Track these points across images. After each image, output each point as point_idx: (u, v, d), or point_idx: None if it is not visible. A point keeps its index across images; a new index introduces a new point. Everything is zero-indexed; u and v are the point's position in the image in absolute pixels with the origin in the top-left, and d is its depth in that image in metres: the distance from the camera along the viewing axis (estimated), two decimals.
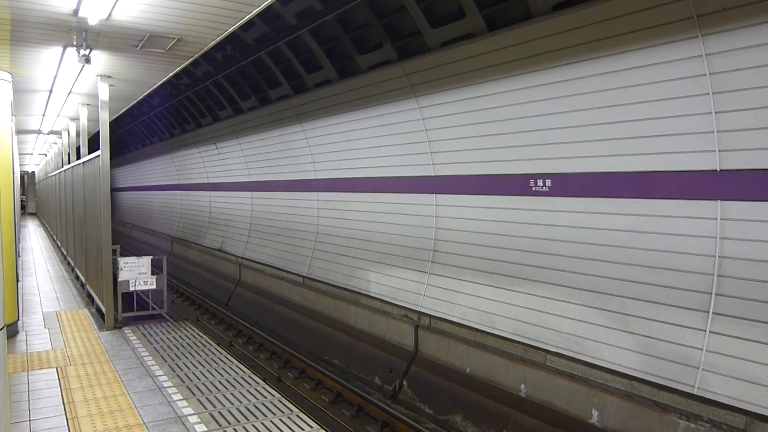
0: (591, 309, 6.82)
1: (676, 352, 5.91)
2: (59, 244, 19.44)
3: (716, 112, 5.42)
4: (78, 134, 14.77)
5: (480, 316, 8.24)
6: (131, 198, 32.98)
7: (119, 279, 9.02)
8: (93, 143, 12.38)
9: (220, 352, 7.79)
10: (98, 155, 9.19)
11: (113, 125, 15.83)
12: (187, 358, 7.45)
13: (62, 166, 17.92)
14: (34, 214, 42.46)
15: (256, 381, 6.65)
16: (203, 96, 16.44)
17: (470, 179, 8.49)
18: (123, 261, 9.10)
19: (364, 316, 10.53)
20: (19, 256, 16.21)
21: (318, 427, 5.41)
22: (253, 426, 5.36)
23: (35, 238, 24.19)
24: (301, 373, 10.20)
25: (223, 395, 6.15)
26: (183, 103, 18.16)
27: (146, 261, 9.30)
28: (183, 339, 8.42)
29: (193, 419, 5.50)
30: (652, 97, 5.92)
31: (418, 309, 9.32)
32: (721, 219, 5.55)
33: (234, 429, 5.29)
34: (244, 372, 6.97)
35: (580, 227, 6.94)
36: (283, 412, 5.70)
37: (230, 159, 17.26)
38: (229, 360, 7.44)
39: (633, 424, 6.06)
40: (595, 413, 6.45)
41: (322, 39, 10.33)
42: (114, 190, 34.88)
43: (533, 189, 7.43)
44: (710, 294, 5.67)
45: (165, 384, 6.46)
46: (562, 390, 6.85)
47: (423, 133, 9.13)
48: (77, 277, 13.34)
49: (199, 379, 6.64)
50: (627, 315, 6.43)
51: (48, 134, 19.01)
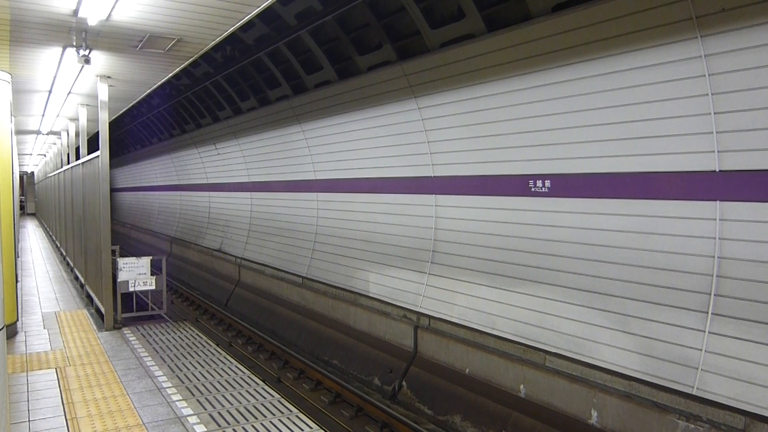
0: (590, 309, 6.82)
1: (676, 353, 5.91)
2: (58, 245, 19.44)
3: (715, 113, 5.43)
4: (77, 135, 14.77)
5: (479, 317, 8.24)
6: (130, 198, 32.97)
7: (118, 279, 9.02)
8: (92, 144, 12.38)
9: (220, 353, 7.79)
10: (97, 156, 9.19)
11: (113, 126, 15.84)
12: (187, 359, 7.45)
13: (61, 167, 17.91)
14: (33, 215, 42.46)
15: (256, 381, 6.65)
16: (203, 96, 16.44)
17: (470, 180, 8.49)
18: (122, 261, 9.10)
19: (364, 317, 10.53)
20: (19, 257, 16.21)
21: (317, 428, 5.41)
22: (253, 426, 5.36)
23: (34, 239, 24.17)
24: (301, 374, 10.20)
25: (223, 396, 6.15)
26: (182, 104, 18.16)
27: (145, 261, 9.30)
28: (182, 339, 8.42)
29: (193, 420, 5.50)
30: (652, 98, 5.92)
31: (418, 309, 9.32)
32: (721, 220, 5.56)
33: (233, 429, 5.29)
34: (244, 372, 6.96)
35: (580, 228, 6.94)
36: (283, 413, 5.71)
37: (230, 159, 17.26)
38: (229, 360, 7.44)
39: (632, 425, 6.06)
40: (595, 414, 6.45)
41: (322, 39, 10.33)
42: (113, 191, 34.86)
43: (533, 190, 7.44)
44: (709, 294, 5.67)
45: (164, 384, 6.46)
46: (562, 390, 6.86)
47: (422, 134, 9.13)
48: (76, 278, 13.33)
49: (199, 380, 6.64)
50: (626, 315, 6.43)
51: (47, 135, 19.00)
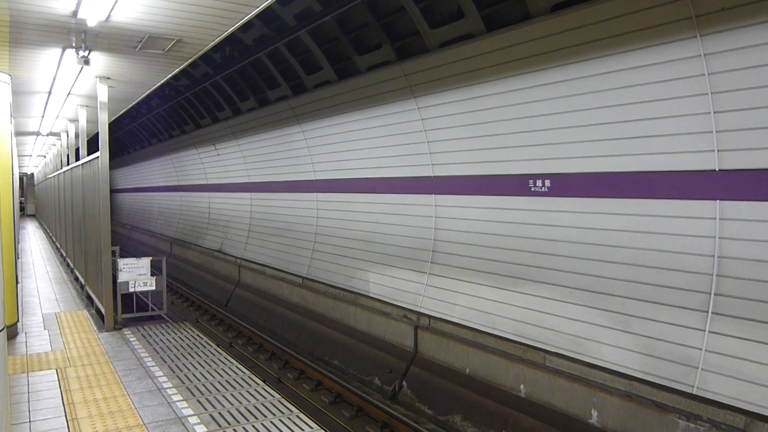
0: (590, 309, 6.82)
1: (676, 352, 5.91)
2: (58, 246, 19.43)
3: (715, 112, 5.43)
4: (77, 136, 14.77)
5: (479, 317, 8.24)
6: (130, 199, 32.97)
7: (119, 280, 9.02)
8: (92, 145, 12.37)
9: (220, 353, 7.79)
10: (97, 157, 9.19)
11: (112, 127, 15.83)
12: (187, 359, 7.45)
13: (61, 168, 17.90)
14: (33, 216, 42.45)
15: (256, 382, 6.65)
16: (202, 97, 16.44)
17: (469, 180, 8.50)
18: (122, 262, 9.10)
19: (364, 317, 10.53)
20: (19, 258, 16.21)
21: (318, 428, 5.41)
22: (253, 427, 5.36)
23: (34, 240, 24.17)
24: (301, 374, 10.20)
25: (223, 396, 6.15)
26: (182, 105, 18.15)
27: (145, 262, 9.30)
28: (183, 340, 8.42)
29: (193, 420, 5.50)
30: (651, 98, 5.92)
31: (418, 309, 9.32)
32: (720, 219, 5.56)
33: (234, 430, 5.29)
34: (244, 373, 6.97)
35: (579, 227, 6.94)
36: (283, 413, 5.71)
37: (229, 160, 17.26)
38: (229, 361, 7.44)
39: (633, 425, 6.06)
40: (595, 413, 6.45)
41: (321, 40, 10.33)
42: (113, 192, 34.85)
43: (532, 189, 7.44)
44: (709, 294, 5.67)
45: (165, 385, 6.46)
46: (562, 390, 6.86)
47: (422, 134, 9.14)
48: (76, 279, 13.33)
49: (199, 380, 6.64)
50: (626, 315, 6.43)
51: (47, 136, 19.00)
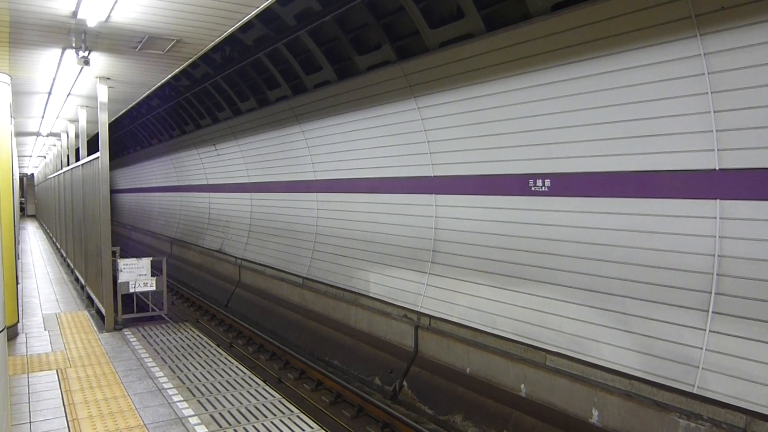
0: (591, 308, 6.82)
1: (676, 352, 5.91)
2: (59, 246, 19.43)
3: (715, 111, 5.43)
4: (77, 136, 14.77)
5: (480, 316, 8.24)
6: (130, 200, 32.97)
7: (119, 281, 9.02)
8: (92, 145, 12.38)
9: (221, 354, 7.79)
10: (97, 157, 9.19)
11: (112, 127, 15.83)
12: (188, 360, 7.45)
13: (61, 168, 17.91)
14: (34, 217, 42.46)
15: (257, 382, 6.65)
16: (202, 97, 16.44)
17: (470, 179, 8.50)
18: (122, 263, 9.10)
19: (364, 317, 10.53)
20: (19, 259, 16.21)
21: (318, 428, 5.41)
22: (254, 427, 5.36)
23: (35, 241, 24.17)
24: (302, 374, 10.19)
25: (224, 396, 6.15)
26: (182, 105, 18.15)
27: (146, 262, 9.30)
28: (183, 340, 8.42)
29: (194, 420, 5.50)
30: (651, 97, 5.92)
31: (418, 309, 9.32)
32: (721, 218, 5.56)
33: (234, 430, 5.29)
34: (245, 373, 6.97)
35: (580, 227, 6.94)
36: (284, 413, 5.71)
37: (229, 160, 17.26)
38: (230, 361, 7.44)
39: (633, 424, 6.06)
40: (596, 413, 6.45)
41: (321, 40, 10.33)
42: (113, 192, 34.86)
43: (532, 189, 7.44)
44: (710, 293, 5.67)
45: (165, 385, 6.46)
46: (563, 390, 6.86)
47: (422, 134, 9.14)
48: (77, 279, 13.33)
49: (200, 381, 6.64)
50: (627, 314, 6.43)
51: (47, 136, 19.00)
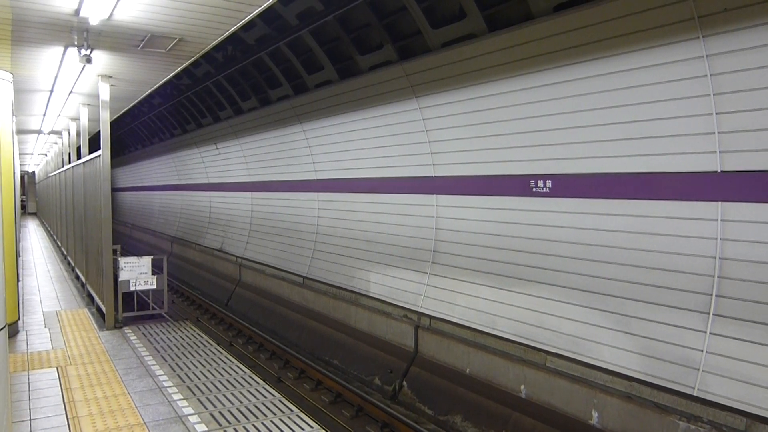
0: (591, 310, 6.82)
1: (677, 354, 5.91)
2: (59, 244, 19.45)
3: (717, 113, 5.42)
4: (78, 134, 14.78)
5: (480, 317, 8.24)
6: (131, 198, 32.99)
7: (120, 279, 9.02)
8: (93, 143, 12.38)
9: (221, 352, 7.79)
10: (99, 155, 9.20)
11: (114, 125, 15.85)
12: (188, 358, 7.45)
13: (63, 166, 17.92)
14: (35, 214, 42.49)
15: (257, 381, 6.65)
16: (204, 96, 16.45)
17: (471, 180, 8.49)
18: (123, 261, 9.11)
19: (364, 317, 10.52)
20: (20, 256, 16.22)
21: (318, 427, 5.41)
22: (254, 426, 5.36)
23: (35, 238, 24.19)
24: (301, 374, 10.19)
25: (224, 395, 6.15)
26: (183, 104, 18.16)
27: (146, 261, 9.30)
28: (183, 339, 8.42)
29: (194, 419, 5.50)
30: (653, 98, 5.92)
31: (418, 309, 9.32)
32: (722, 220, 5.55)
33: (234, 429, 5.30)
34: (244, 372, 6.97)
35: (581, 228, 6.94)
36: (283, 412, 5.71)
37: (230, 159, 17.26)
38: (230, 360, 7.44)
39: (633, 426, 6.05)
40: (595, 414, 6.45)
41: (323, 39, 10.33)
42: (114, 190, 34.88)
43: (534, 190, 7.44)
44: (711, 295, 5.67)
45: (165, 384, 6.46)
46: (562, 391, 6.85)
47: (423, 134, 9.13)
48: (77, 277, 13.34)
49: (200, 379, 6.64)
50: (627, 316, 6.43)
51: (48, 134, 19.02)
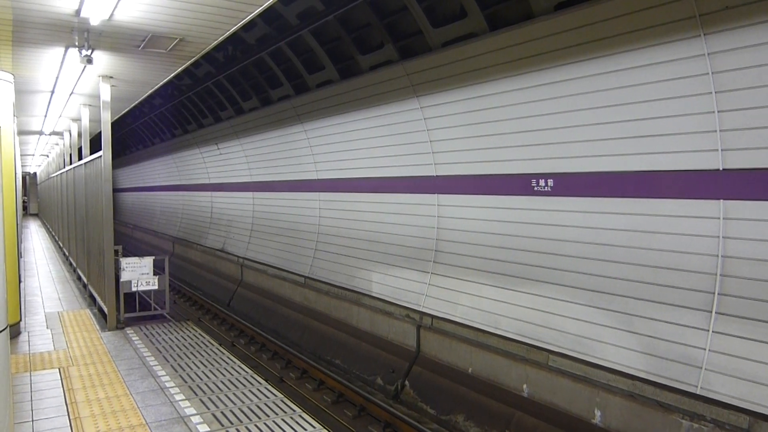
0: (594, 309, 6.81)
1: (679, 352, 5.90)
2: (61, 245, 19.46)
3: (719, 111, 5.41)
4: (80, 135, 14.80)
5: (482, 316, 8.23)
6: (133, 199, 33.01)
7: (121, 279, 9.03)
8: (95, 144, 12.41)
9: (223, 353, 7.79)
10: (100, 156, 9.20)
11: (115, 126, 15.86)
12: (190, 359, 7.45)
13: (64, 167, 17.94)
14: (36, 215, 42.54)
15: (259, 381, 6.65)
16: (205, 96, 16.45)
17: (472, 179, 8.48)
18: (125, 261, 9.11)
19: (366, 317, 10.52)
20: (22, 257, 16.23)
21: (320, 428, 5.41)
22: (256, 426, 5.36)
23: (37, 239, 24.22)
24: (303, 374, 10.20)
25: (226, 395, 6.15)
26: (184, 104, 18.17)
27: (148, 261, 9.31)
28: (185, 339, 8.43)
29: (196, 419, 5.50)
30: (655, 97, 5.91)
31: (420, 309, 9.31)
32: (724, 218, 5.54)
33: (237, 429, 5.29)
34: (247, 372, 6.97)
35: (583, 227, 6.93)
36: (286, 413, 5.71)
37: (232, 159, 17.27)
38: (232, 360, 7.44)
39: (636, 425, 6.04)
40: (598, 413, 6.44)
41: (324, 39, 10.33)
42: (116, 191, 34.91)
43: (535, 189, 7.43)
44: (713, 294, 5.65)
45: (167, 384, 6.46)
46: (565, 390, 6.85)
47: (425, 133, 9.13)
48: (79, 278, 13.35)
49: (202, 380, 6.64)
50: (630, 315, 6.42)
51: (50, 135, 19.05)
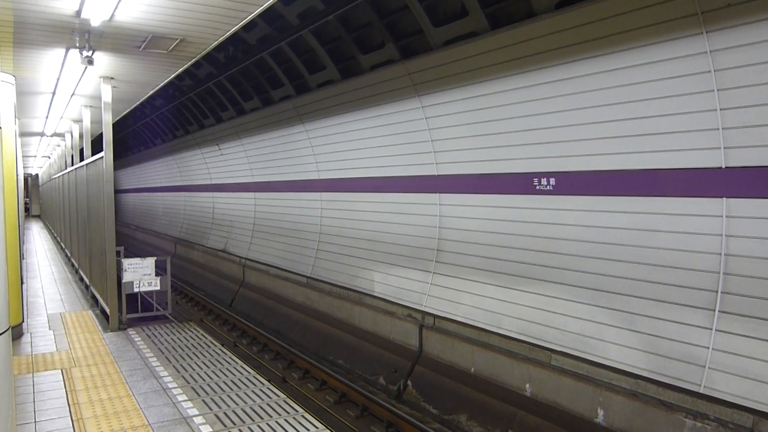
0: (596, 308, 6.79)
1: (682, 351, 5.88)
2: (63, 246, 19.49)
3: (721, 109, 5.39)
4: (81, 136, 14.81)
5: (484, 316, 8.22)
6: (135, 200, 33.05)
7: (123, 280, 9.03)
8: (96, 145, 12.41)
9: (225, 353, 7.79)
10: (101, 157, 9.20)
11: (116, 127, 15.87)
12: (192, 359, 7.45)
13: (66, 168, 17.95)
14: (38, 217, 42.60)
15: (261, 381, 6.65)
16: (206, 97, 16.45)
17: (474, 178, 8.47)
18: (127, 262, 9.11)
19: (368, 316, 10.51)
20: (24, 259, 16.25)
21: (323, 428, 5.40)
22: (258, 426, 5.36)
23: (39, 241, 24.25)
24: (306, 374, 10.19)
25: (228, 396, 6.14)
26: (185, 105, 18.18)
27: (150, 262, 9.31)
28: (187, 340, 8.43)
29: (199, 420, 5.50)
30: (657, 95, 5.89)
31: (423, 309, 9.30)
32: (727, 216, 5.52)
33: (239, 429, 5.29)
34: (249, 372, 6.96)
35: (585, 226, 6.91)
36: (288, 413, 5.70)
37: (233, 160, 17.27)
38: (234, 361, 7.44)
39: (639, 423, 6.03)
40: (601, 412, 6.42)
41: (325, 39, 10.32)
42: (117, 192, 34.94)
43: (537, 188, 7.41)
44: (716, 292, 5.64)
45: (170, 385, 6.46)
46: (568, 389, 6.83)
47: (426, 133, 9.12)
48: (81, 279, 13.36)
49: (204, 380, 6.64)
50: (632, 313, 6.40)
51: (51, 136, 19.06)
